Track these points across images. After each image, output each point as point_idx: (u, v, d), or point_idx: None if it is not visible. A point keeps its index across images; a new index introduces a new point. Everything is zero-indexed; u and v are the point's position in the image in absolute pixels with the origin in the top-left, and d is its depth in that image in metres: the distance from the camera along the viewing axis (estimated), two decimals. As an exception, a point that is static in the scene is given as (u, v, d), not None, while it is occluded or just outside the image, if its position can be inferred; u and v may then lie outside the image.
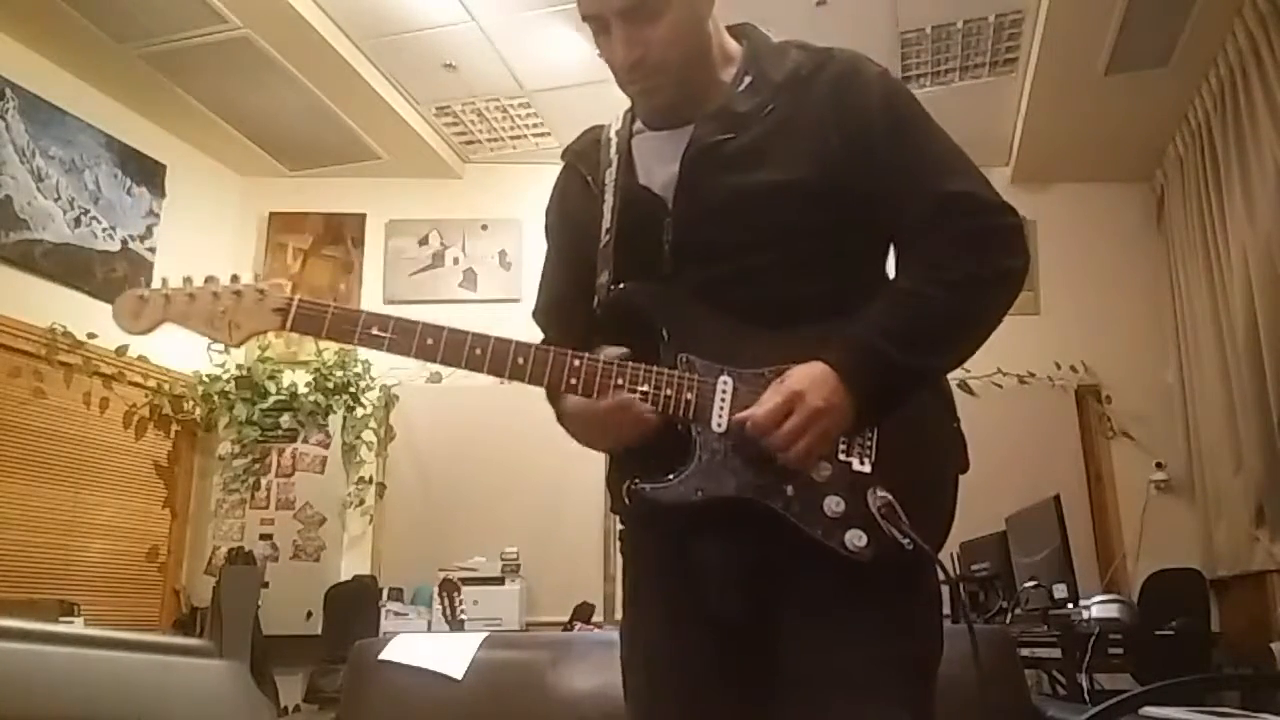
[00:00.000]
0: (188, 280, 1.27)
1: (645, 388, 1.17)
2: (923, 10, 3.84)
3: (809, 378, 1.14)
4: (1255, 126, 3.54)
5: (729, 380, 1.18)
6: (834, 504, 1.14)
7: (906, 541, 1.11)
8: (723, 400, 1.17)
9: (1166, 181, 4.61)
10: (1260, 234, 3.53)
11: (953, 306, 1.19)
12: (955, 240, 1.19)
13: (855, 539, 1.13)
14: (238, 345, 1.27)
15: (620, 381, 1.17)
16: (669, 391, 1.17)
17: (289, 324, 1.22)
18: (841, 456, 1.16)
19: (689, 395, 1.17)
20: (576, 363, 1.19)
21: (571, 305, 1.33)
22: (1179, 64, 3.87)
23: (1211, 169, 4.01)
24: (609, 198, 1.30)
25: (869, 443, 1.17)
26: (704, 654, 1.22)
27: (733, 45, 1.33)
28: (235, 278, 1.27)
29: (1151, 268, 4.70)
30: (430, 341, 1.19)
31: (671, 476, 1.17)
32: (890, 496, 1.14)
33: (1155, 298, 4.66)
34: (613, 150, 1.34)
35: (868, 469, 1.16)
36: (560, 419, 1.30)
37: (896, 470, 1.17)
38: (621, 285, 1.24)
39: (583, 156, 1.39)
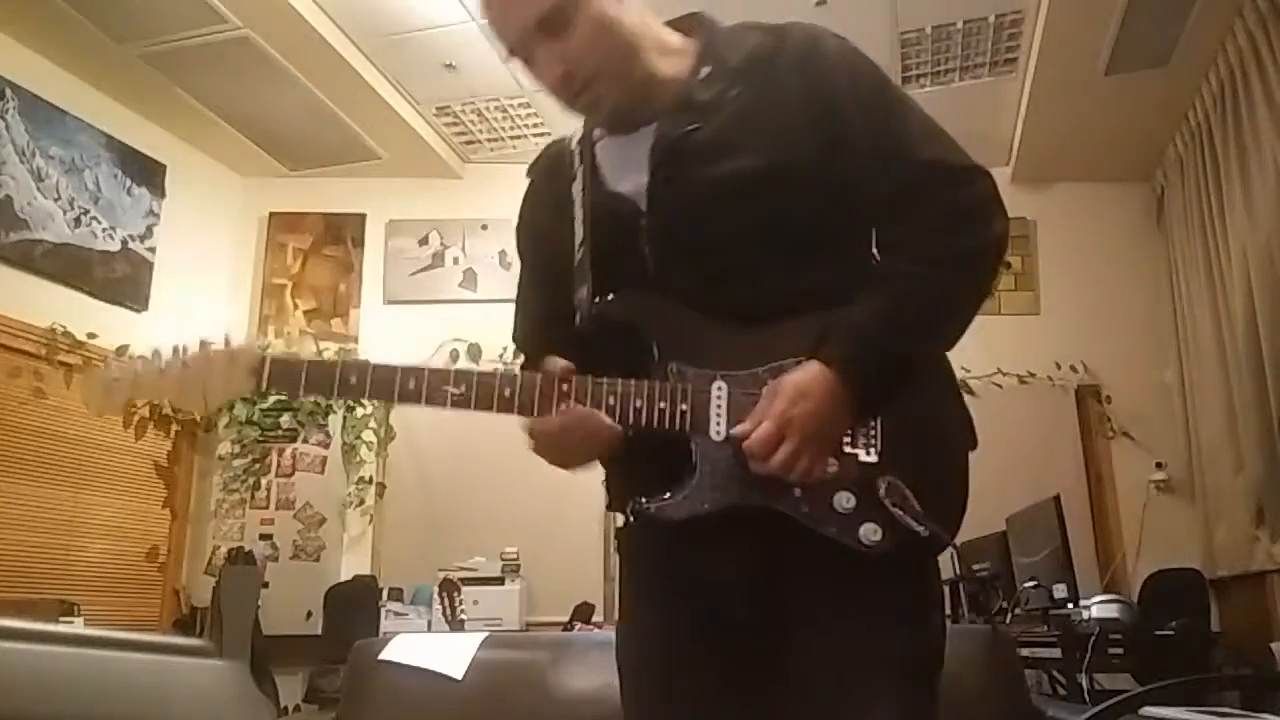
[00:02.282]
0: (156, 353, 1.23)
1: (639, 402, 1.15)
2: (923, 10, 3.84)
3: (800, 389, 1.11)
4: (1255, 126, 3.54)
5: (723, 386, 1.16)
6: (844, 500, 1.13)
7: (921, 529, 1.10)
8: (718, 408, 1.15)
9: (1166, 181, 4.60)
10: (1260, 234, 3.53)
11: (943, 285, 1.16)
12: (935, 216, 1.18)
13: (870, 533, 1.11)
14: (213, 413, 1.26)
15: (612, 401, 1.15)
16: (663, 404, 1.15)
17: (265, 384, 1.19)
18: (847, 449, 1.14)
19: (684, 406, 1.15)
20: (565, 386, 1.16)
21: (551, 326, 1.30)
22: (1179, 64, 3.87)
23: (1211, 169, 4.01)
24: (578, 210, 1.27)
25: (873, 432, 1.15)
26: (710, 659, 1.20)
27: (676, 39, 1.29)
28: (204, 343, 1.22)
29: (1151, 268, 4.70)
30: (412, 385, 1.17)
31: (669, 495, 1.14)
32: (901, 484, 1.12)
33: (1155, 298, 4.66)
34: (576, 161, 1.30)
35: (874, 459, 1.14)
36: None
37: (904, 457, 1.15)
38: (606, 298, 1.21)
39: (546, 171, 1.36)
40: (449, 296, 4.95)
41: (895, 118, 1.22)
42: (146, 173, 4.47)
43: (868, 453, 1.14)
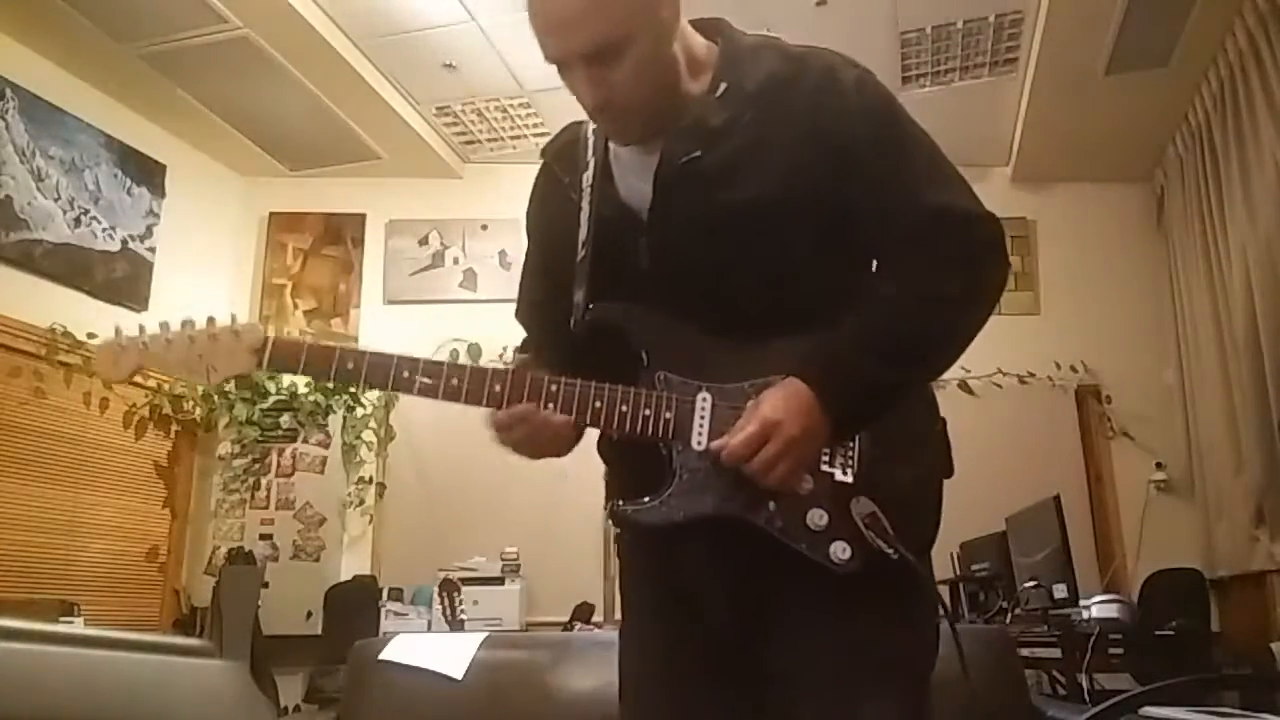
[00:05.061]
0: (164, 325, 1.26)
1: (624, 408, 1.18)
2: (923, 10, 3.84)
3: (785, 401, 1.13)
4: (1255, 126, 3.54)
5: (708, 397, 1.18)
6: (817, 517, 1.15)
7: (892, 552, 1.12)
8: (702, 418, 1.17)
9: (1166, 181, 4.61)
10: (1260, 234, 3.53)
11: (935, 320, 1.19)
12: (941, 258, 1.19)
13: (840, 551, 1.14)
14: (216, 386, 1.29)
15: (599, 405, 1.18)
16: (647, 411, 1.17)
17: (265, 363, 1.23)
18: (824, 468, 1.16)
19: (668, 414, 1.17)
20: (554, 387, 1.18)
21: (550, 308, 1.31)
22: (1179, 64, 3.87)
23: (1211, 169, 4.02)
24: (586, 205, 1.27)
25: (850, 452, 1.18)
26: (696, 663, 1.23)
27: (701, 48, 1.26)
28: (211, 320, 1.26)
29: (1151, 268, 4.70)
30: (406, 374, 1.20)
31: (648, 499, 1.17)
32: (875, 507, 1.14)
33: (1155, 298, 4.66)
34: (590, 152, 1.30)
35: (850, 479, 1.16)
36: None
37: (879, 479, 1.17)
38: (598, 305, 1.23)
39: (561, 157, 1.35)
40: (449, 296, 4.95)
41: (906, 158, 1.22)
42: (146, 173, 4.47)
43: (844, 473, 1.17)
